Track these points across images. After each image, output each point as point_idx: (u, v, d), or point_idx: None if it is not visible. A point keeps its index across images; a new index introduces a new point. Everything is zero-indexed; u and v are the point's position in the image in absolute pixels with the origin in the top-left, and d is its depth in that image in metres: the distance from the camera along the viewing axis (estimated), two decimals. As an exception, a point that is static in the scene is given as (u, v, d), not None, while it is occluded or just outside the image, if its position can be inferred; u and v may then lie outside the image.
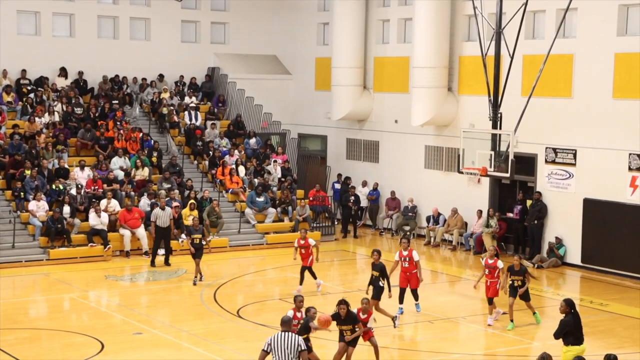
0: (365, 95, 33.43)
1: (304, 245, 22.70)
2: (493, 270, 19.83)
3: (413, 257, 20.38)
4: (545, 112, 26.69)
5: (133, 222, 27.10)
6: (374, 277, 19.58)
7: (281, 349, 12.43)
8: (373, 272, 19.66)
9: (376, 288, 19.41)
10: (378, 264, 19.60)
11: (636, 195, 24.99)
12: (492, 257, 19.94)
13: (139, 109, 33.79)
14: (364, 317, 15.83)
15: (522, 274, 19.61)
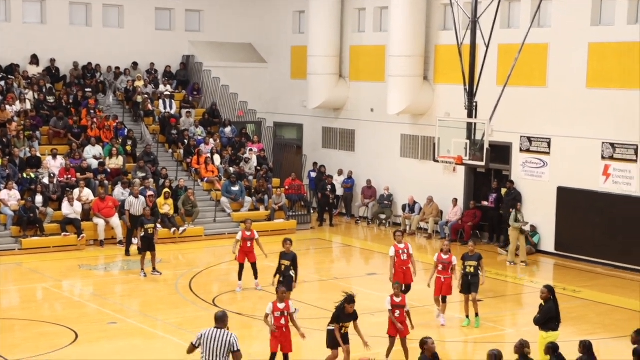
0: (341, 84, 33.40)
1: (250, 237, 21.51)
2: (447, 266, 19.03)
3: (409, 249, 19.74)
4: (520, 101, 26.79)
5: (107, 211, 26.96)
6: (284, 267, 18.94)
7: (212, 346, 11.88)
8: (283, 262, 19.03)
9: (287, 278, 18.82)
10: (289, 253, 19.07)
11: (609, 183, 25.15)
12: (446, 252, 19.11)
13: (113, 97, 33.57)
14: (282, 306, 15.04)
15: (477, 259, 18.92)
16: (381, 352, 16.19)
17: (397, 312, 16.14)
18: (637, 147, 24.46)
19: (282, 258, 19.19)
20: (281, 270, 19.03)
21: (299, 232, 30.05)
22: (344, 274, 24.84)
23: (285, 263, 19.02)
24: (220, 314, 12.36)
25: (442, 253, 19.15)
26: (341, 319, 15.29)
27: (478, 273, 18.84)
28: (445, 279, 19.04)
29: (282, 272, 18.99)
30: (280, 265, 19.10)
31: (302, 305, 20.73)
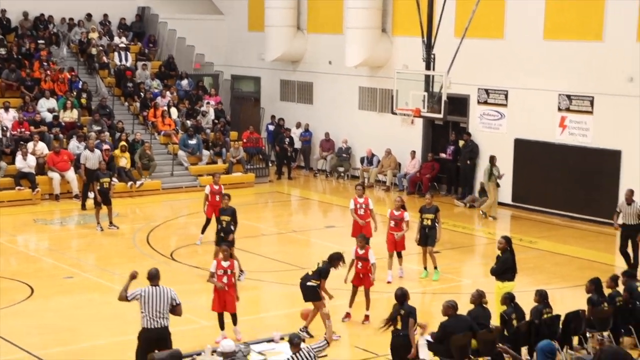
0: (299, 36, 33.14)
1: (217, 191, 20.82)
2: (400, 223, 18.66)
3: (369, 204, 19.36)
4: (478, 54, 26.76)
5: (62, 165, 26.62)
6: (225, 222, 18.30)
7: (153, 303, 12.23)
8: (223, 218, 18.39)
9: (228, 234, 18.18)
10: (228, 208, 18.47)
11: (565, 135, 25.32)
12: (397, 208, 18.71)
13: (67, 50, 33.02)
14: (227, 265, 14.66)
15: (434, 212, 18.78)
16: (344, 304, 16.24)
17: (359, 264, 16.12)
18: (592, 99, 24.60)
19: (221, 214, 18.59)
20: (223, 226, 18.38)
21: (257, 185, 29.98)
22: (303, 226, 24.86)
23: (225, 219, 18.37)
24: (154, 271, 12.64)
25: (394, 209, 18.84)
26: (326, 275, 15.18)
27: (435, 225, 18.79)
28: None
29: (223, 229, 18.35)
30: (221, 222, 18.45)
31: (261, 258, 20.76)
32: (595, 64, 24.52)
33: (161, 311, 12.26)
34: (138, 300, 12.36)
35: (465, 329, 13.01)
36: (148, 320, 12.29)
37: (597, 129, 24.61)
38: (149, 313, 12.26)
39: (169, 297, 12.35)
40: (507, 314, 13.73)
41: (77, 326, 15.86)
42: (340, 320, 15.90)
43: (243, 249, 21.08)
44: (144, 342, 12.36)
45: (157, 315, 12.27)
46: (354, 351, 15.13)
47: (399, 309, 13.03)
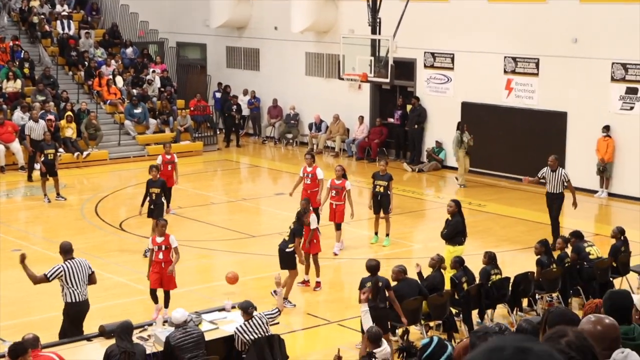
0: (243, 2, 32.85)
1: (170, 160, 20.67)
2: (341, 192, 18.12)
3: (317, 174, 18.76)
4: (424, 17, 26.79)
5: (7, 137, 26.22)
6: (154, 195, 18.06)
7: (76, 277, 12.35)
8: (152, 190, 18.10)
9: (158, 206, 18.03)
10: (157, 180, 18.28)
11: (511, 97, 25.53)
12: (339, 177, 18.26)
13: (7, 18, 32.37)
14: (161, 240, 14.37)
15: (387, 179, 18.58)
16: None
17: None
18: (538, 61, 24.81)
19: (150, 186, 18.18)
20: (152, 198, 18.04)
21: (206, 154, 29.84)
22: (252, 194, 24.82)
23: (155, 191, 18.08)
24: (67, 244, 12.80)
25: (335, 178, 18.34)
26: (301, 234, 15.24)
27: (388, 193, 18.67)
28: (337, 206, 18.26)
29: (152, 201, 18.03)
30: (151, 194, 18.08)
31: (211, 227, 20.69)
32: (540, 25, 24.69)
33: (84, 283, 12.45)
34: (60, 277, 12.34)
35: (415, 293, 13.13)
36: (73, 294, 12.37)
37: (542, 91, 24.85)
38: (74, 286, 12.34)
39: (87, 266, 12.55)
40: (457, 277, 13.89)
41: (26, 299, 15.70)
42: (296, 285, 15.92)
43: (193, 218, 21.02)
44: (74, 316, 12.43)
45: (81, 288, 12.40)
46: (307, 318, 15.20)
47: (377, 281, 12.76)
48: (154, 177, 18.23)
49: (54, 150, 22.83)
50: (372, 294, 12.39)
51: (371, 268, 12.97)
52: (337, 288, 16.28)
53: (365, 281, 12.76)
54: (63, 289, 12.45)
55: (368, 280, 12.77)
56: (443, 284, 13.73)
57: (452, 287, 13.87)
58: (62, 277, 12.35)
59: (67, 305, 12.45)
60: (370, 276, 12.89)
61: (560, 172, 18.58)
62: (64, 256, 12.62)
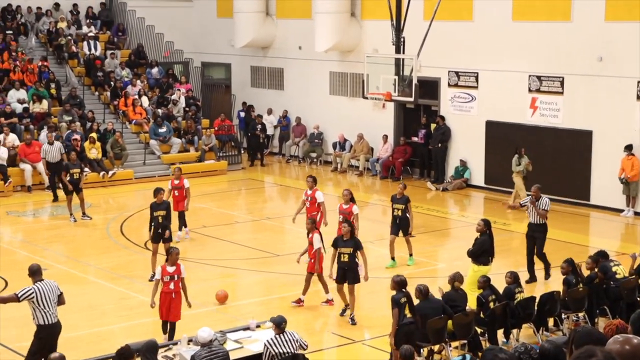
0: (268, 22, 33.04)
1: (178, 185, 20.46)
2: (348, 217, 17.27)
3: (316, 197, 18.45)
4: (447, 36, 26.82)
5: (33, 156, 26.44)
6: (160, 218, 17.60)
7: (46, 298, 12.18)
8: (158, 213, 17.65)
9: (165, 230, 17.61)
10: (162, 203, 17.88)
11: (536, 116, 25.46)
12: (347, 202, 17.72)
13: (35, 39, 32.73)
14: (172, 270, 13.86)
15: (404, 202, 18.34)
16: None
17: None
18: (563, 80, 24.74)
19: (155, 209, 17.69)
20: (158, 222, 17.59)
21: (230, 173, 29.94)
22: (277, 213, 24.85)
23: (160, 214, 17.64)
24: (36, 266, 12.69)
25: (343, 203, 17.91)
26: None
27: (406, 215, 18.47)
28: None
29: (159, 225, 17.59)
30: (156, 217, 17.61)
31: (235, 246, 20.74)
32: (565, 44, 24.64)
33: (54, 305, 12.30)
34: (31, 299, 12.17)
35: (438, 312, 13.07)
36: (45, 316, 12.22)
37: (567, 109, 24.76)
38: (46, 308, 12.19)
39: (56, 287, 12.44)
40: (483, 296, 13.82)
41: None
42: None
43: (217, 237, 21.08)
44: (47, 339, 12.30)
45: (53, 310, 12.27)
46: (331, 337, 15.17)
47: (405, 295, 12.78)
48: (158, 200, 17.78)
49: (79, 169, 23.06)
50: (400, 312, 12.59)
51: (402, 283, 12.92)
52: (360, 307, 16.22)
53: (397, 298, 12.70)
54: (34, 312, 12.24)
55: (401, 296, 12.74)
56: (462, 301, 13.62)
57: (478, 306, 13.80)
58: (34, 299, 12.12)
59: (40, 327, 12.26)
60: (399, 292, 12.83)
61: (542, 201, 17.45)
62: (33, 278, 12.41)
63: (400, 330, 12.61)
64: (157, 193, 17.91)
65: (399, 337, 12.53)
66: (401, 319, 12.65)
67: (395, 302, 12.69)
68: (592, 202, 24.35)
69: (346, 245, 15.38)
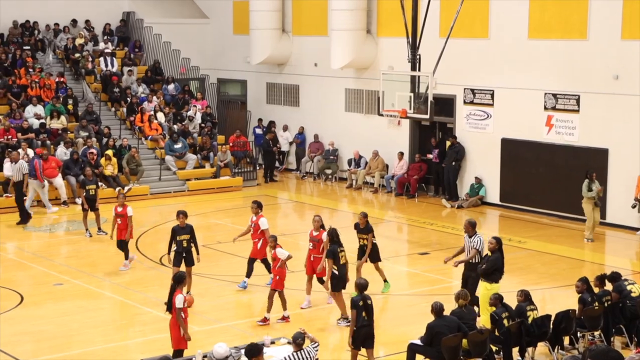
0: (284, 39, 33.17)
1: (121, 213, 19.43)
2: (318, 244, 16.75)
3: (260, 224, 17.83)
4: (463, 53, 26.86)
5: (50, 172, 26.55)
6: (184, 242, 17.08)
7: None
8: (182, 237, 17.08)
9: (189, 254, 17.18)
10: (186, 226, 17.25)
11: (552, 134, 25.42)
12: (317, 228, 16.91)
13: (52, 56, 32.96)
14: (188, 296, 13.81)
15: (367, 232, 17.46)
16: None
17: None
18: (578, 97, 24.72)
19: (178, 233, 17.14)
20: (182, 246, 17.10)
21: (245, 189, 30.00)
22: (291, 229, 24.85)
23: (184, 237, 17.10)
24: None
25: (313, 229, 17.00)
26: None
27: (374, 242, 17.60)
28: (315, 259, 16.79)
29: (184, 249, 17.12)
30: (180, 242, 17.12)
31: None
32: (581, 62, 24.64)
33: None
34: None
35: (453, 330, 13.05)
36: None
37: (583, 127, 24.72)
38: None
39: None
40: (497, 314, 13.79)
41: (69, 333, 15.84)
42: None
43: (233, 253, 21.10)
44: None
45: None
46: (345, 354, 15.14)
47: (366, 298, 13.23)
48: (181, 223, 17.27)
49: (94, 185, 23.15)
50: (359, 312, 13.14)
51: (362, 287, 13.39)
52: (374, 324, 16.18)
53: (356, 300, 13.17)
54: None
55: (360, 299, 13.17)
56: (472, 319, 13.57)
57: (492, 324, 13.76)
58: None
59: None
60: (359, 295, 13.28)
61: (475, 238, 15.78)
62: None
63: (358, 332, 13.14)
64: (179, 215, 17.36)
65: (357, 338, 13.19)
66: (359, 321, 13.11)
67: (353, 304, 13.18)
68: (607, 220, 24.26)
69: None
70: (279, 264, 15.94)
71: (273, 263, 16.06)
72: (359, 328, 13.16)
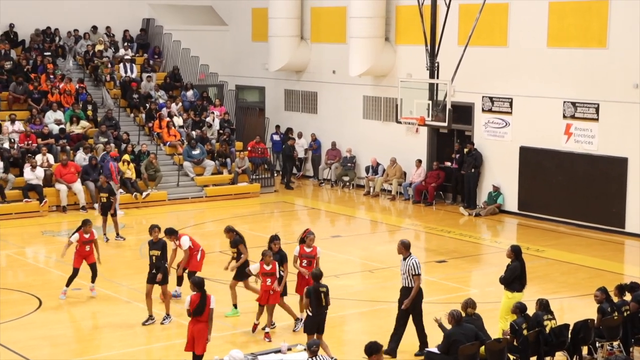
0: (302, 46, 33.22)
1: (89, 239, 18.16)
2: (312, 261, 15.92)
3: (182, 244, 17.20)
4: (482, 61, 26.82)
5: (69, 177, 26.73)
6: (154, 257, 16.35)
7: None
8: (152, 252, 16.41)
9: (162, 270, 16.38)
10: (158, 241, 16.52)
11: (570, 142, 25.33)
12: (310, 244, 16.03)
13: (73, 62, 33.14)
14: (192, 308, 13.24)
15: (235, 245, 16.85)
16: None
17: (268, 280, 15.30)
18: (598, 106, 24.62)
19: (149, 249, 16.54)
20: (152, 262, 16.43)
21: (263, 196, 30.03)
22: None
23: (155, 253, 16.40)
24: None
25: (305, 245, 16.02)
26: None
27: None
28: (309, 277, 15.26)
29: (153, 265, 16.42)
30: (151, 257, 16.44)
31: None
32: (600, 70, 24.55)
33: None
34: None
35: (471, 338, 13.01)
36: None
37: (602, 136, 24.62)
38: None
39: None
40: (517, 323, 13.72)
41: (86, 337, 15.92)
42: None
43: (250, 260, 21.10)
44: None
45: None
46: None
47: (320, 287, 13.94)
48: (154, 239, 16.52)
49: (107, 194, 23.00)
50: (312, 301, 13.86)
51: (316, 277, 14.10)
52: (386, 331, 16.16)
53: (309, 290, 14.00)
54: None
55: (314, 288, 13.96)
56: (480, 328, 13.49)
57: (511, 334, 13.71)
58: None
59: None
60: (313, 284, 14.05)
61: (409, 261, 14.74)
62: None
63: (313, 319, 13.93)
64: (152, 230, 16.56)
65: (312, 325, 13.97)
66: (314, 308, 13.86)
67: (307, 293, 14.03)
68: (627, 229, 24.15)
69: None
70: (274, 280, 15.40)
71: (264, 278, 15.41)
72: (315, 316, 13.86)
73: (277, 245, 15.95)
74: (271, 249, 15.86)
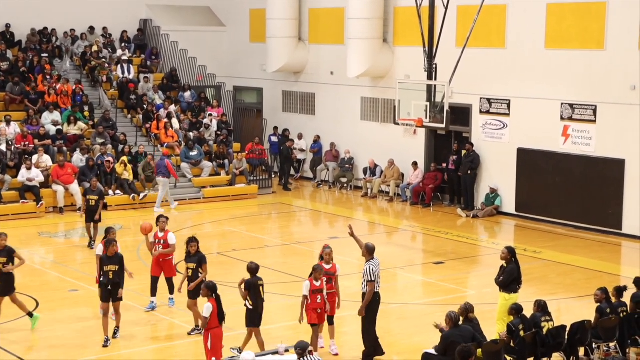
0: (300, 47, 33.21)
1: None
2: (332, 278, 14.79)
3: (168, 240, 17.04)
4: (480, 63, 26.82)
5: (66, 178, 26.69)
6: (110, 273, 15.50)
7: None
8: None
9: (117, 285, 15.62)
10: (114, 255, 15.67)
11: (568, 144, 25.33)
12: (328, 261, 14.86)
13: (70, 62, 33.10)
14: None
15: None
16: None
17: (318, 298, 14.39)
18: (595, 108, 24.62)
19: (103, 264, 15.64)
20: (108, 277, 15.50)
21: (261, 197, 30.02)
22: (307, 238, 24.86)
23: (112, 268, 15.58)
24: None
25: (324, 262, 14.87)
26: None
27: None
28: (329, 295, 14.67)
29: (110, 281, 15.53)
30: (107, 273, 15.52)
31: (266, 270, 20.70)
32: (598, 72, 24.55)
33: None
34: None
35: (468, 340, 12.98)
36: None
37: (600, 137, 24.62)
38: None
39: None
40: (514, 324, 13.71)
41: (84, 339, 15.87)
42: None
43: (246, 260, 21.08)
44: None
45: None
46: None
47: (258, 280, 14.40)
48: (110, 253, 15.64)
49: (97, 197, 22.53)
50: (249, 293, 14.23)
51: (254, 269, 14.47)
52: (390, 333, 16.15)
53: (248, 282, 14.30)
54: None
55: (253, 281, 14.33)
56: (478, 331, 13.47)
57: (508, 335, 13.69)
58: None
59: None
60: (251, 277, 14.35)
61: (366, 266, 14.33)
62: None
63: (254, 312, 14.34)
64: (110, 245, 15.64)
65: (255, 317, 14.40)
66: (254, 301, 14.25)
67: (248, 285, 14.37)
68: (624, 231, 24.15)
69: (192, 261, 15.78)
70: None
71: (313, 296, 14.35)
72: (255, 308, 14.26)
73: (195, 247, 15.75)
74: (189, 252, 15.70)
